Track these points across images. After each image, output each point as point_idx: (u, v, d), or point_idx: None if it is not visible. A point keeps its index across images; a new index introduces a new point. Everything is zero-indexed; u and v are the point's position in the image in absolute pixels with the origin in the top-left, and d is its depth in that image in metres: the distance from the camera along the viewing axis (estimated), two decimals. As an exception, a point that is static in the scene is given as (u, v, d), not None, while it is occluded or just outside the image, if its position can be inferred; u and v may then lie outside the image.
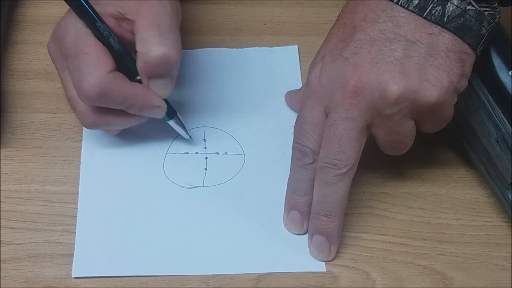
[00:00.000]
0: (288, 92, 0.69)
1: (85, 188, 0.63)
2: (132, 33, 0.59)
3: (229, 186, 0.64)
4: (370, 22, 0.57)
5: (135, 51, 0.59)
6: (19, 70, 0.70)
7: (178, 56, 0.59)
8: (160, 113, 0.62)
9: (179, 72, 0.61)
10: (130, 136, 0.65)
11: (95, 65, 0.58)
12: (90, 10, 0.59)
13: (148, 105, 0.61)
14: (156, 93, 0.61)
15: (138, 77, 0.60)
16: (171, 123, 0.64)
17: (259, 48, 0.72)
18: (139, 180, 0.64)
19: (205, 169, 0.65)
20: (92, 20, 0.59)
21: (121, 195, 0.63)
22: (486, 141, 0.60)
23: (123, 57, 0.60)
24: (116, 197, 0.62)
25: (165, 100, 0.62)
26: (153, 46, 0.58)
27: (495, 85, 0.60)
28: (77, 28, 0.59)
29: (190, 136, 0.65)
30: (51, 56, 0.62)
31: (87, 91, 0.58)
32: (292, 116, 0.63)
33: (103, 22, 0.59)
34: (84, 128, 0.66)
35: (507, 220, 0.62)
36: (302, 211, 0.60)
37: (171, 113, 0.63)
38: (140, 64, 0.59)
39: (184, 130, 0.64)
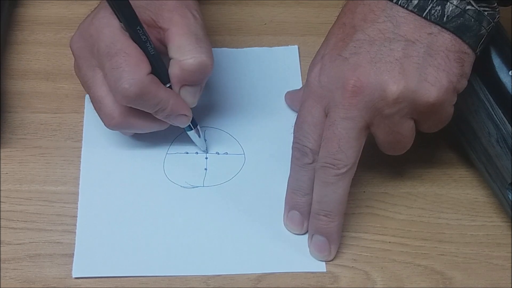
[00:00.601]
0: (288, 92, 0.69)
1: (85, 188, 0.63)
2: (160, 41, 0.60)
3: (229, 186, 0.64)
4: (370, 22, 0.57)
5: (168, 59, 0.60)
6: (19, 70, 0.70)
7: (212, 65, 0.60)
8: (186, 122, 0.62)
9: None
10: (130, 136, 0.65)
11: (136, 65, 0.58)
12: (133, 14, 0.58)
13: (177, 112, 0.61)
14: (185, 100, 0.61)
15: (168, 85, 0.60)
16: (191, 133, 0.64)
17: (259, 48, 0.73)
18: (139, 180, 0.64)
19: (205, 169, 0.65)
20: (133, 23, 0.58)
21: (121, 195, 0.63)
22: (486, 141, 0.60)
23: (157, 63, 0.60)
24: (116, 197, 0.62)
25: None
26: (191, 53, 0.59)
27: (495, 85, 0.60)
28: (113, 28, 0.59)
29: (207, 149, 0.66)
30: (74, 53, 0.62)
31: (126, 90, 0.58)
32: (292, 116, 0.63)
33: (142, 27, 0.59)
34: (84, 128, 0.66)
35: (507, 220, 0.62)
36: (302, 211, 0.60)
37: (193, 124, 0.63)
38: (175, 71, 0.60)
39: (202, 142, 0.65)
